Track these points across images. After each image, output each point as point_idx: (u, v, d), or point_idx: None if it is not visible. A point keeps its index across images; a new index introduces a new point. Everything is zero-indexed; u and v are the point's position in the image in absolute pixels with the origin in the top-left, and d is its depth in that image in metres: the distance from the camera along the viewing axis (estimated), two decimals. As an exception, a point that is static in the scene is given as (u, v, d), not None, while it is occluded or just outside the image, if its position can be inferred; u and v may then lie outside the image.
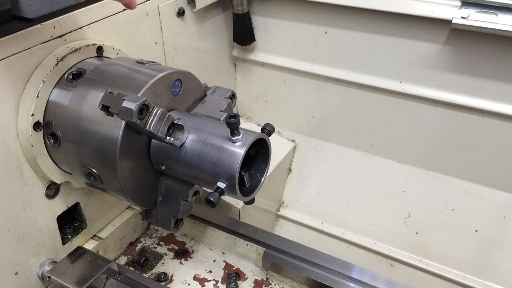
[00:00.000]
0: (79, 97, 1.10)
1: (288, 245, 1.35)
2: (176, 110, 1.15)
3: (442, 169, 1.75)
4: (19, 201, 1.15)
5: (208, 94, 1.22)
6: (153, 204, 1.18)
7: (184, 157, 1.06)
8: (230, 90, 1.22)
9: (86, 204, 1.33)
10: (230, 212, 1.68)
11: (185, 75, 1.16)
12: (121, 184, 1.07)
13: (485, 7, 1.40)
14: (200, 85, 1.21)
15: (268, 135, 1.11)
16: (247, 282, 1.36)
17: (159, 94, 1.09)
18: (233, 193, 1.05)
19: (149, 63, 1.16)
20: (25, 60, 1.09)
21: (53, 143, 1.13)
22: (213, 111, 1.17)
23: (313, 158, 1.96)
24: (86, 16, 1.21)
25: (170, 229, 1.17)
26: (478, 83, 1.55)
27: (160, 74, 1.09)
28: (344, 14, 1.67)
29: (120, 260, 1.43)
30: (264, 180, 1.13)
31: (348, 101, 1.80)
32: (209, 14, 1.71)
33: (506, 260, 1.65)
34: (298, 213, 1.96)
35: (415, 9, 1.51)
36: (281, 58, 1.87)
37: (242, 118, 2.06)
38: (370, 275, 1.26)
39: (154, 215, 1.19)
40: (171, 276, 1.38)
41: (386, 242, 1.81)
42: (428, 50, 1.58)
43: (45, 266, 1.25)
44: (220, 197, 1.02)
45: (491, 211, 1.68)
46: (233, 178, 1.02)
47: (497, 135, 1.59)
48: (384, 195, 1.83)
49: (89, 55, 1.19)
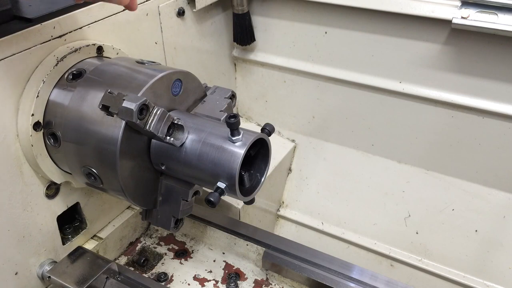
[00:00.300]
0: (79, 97, 1.10)
1: (288, 245, 1.35)
2: (176, 110, 1.15)
3: (442, 169, 1.75)
4: (19, 201, 1.15)
5: (208, 94, 1.22)
6: (153, 204, 1.17)
7: (184, 157, 1.06)
8: (230, 90, 1.22)
9: (86, 204, 1.33)
10: (230, 212, 1.68)
11: (185, 75, 1.16)
12: (121, 184, 1.07)
13: (485, 7, 1.40)
14: (200, 85, 1.21)
15: (268, 135, 1.10)
16: (247, 282, 1.36)
17: (159, 94, 1.09)
18: (233, 193, 1.05)
19: (149, 63, 1.16)
20: (25, 60, 1.09)
21: (53, 143, 1.13)
22: (213, 111, 1.17)
23: (313, 158, 1.96)
24: (86, 16, 1.21)
25: (170, 229, 1.17)
26: (478, 83, 1.55)
27: (160, 74, 1.08)
28: (344, 14, 1.67)
29: (120, 260, 1.43)
30: (264, 180, 1.13)
31: (348, 101, 1.80)
32: (209, 14, 1.71)
33: (506, 260, 1.65)
34: (298, 213, 1.96)
35: (415, 9, 1.51)
36: (281, 58, 1.86)
37: (242, 118, 2.06)
38: (370, 275, 1.26)
39: (154, 215, 1.19)
40: (171, 276, 1.38)
41: (386, 242, 1.81)
42: (428, 50, 1.58)
43: (45, 266, 1.25)
44: (220, 197, 1.02)
45: (491, 211, 1.68)
46: (233, 178, 1.02)
47: (497, 135, 1.59)
48: (384, 195, 1.83)
49: (89, 55, 1.19)
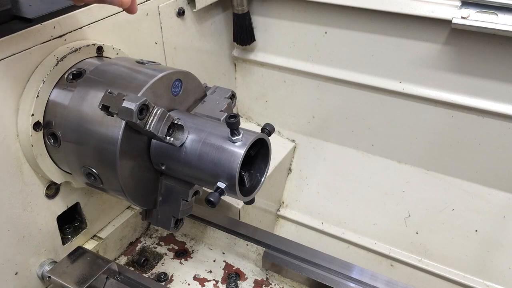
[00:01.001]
0: (79, 97, 1.10)
1: (288, 245, 1.35)
2: (176, 110, 1.15)
3: (442, 169, 1.75)
4: (19, 201, 1.15)
5: (208, 94, 1.22)
6: (153, 204, 1.17)
7: (184, 157, 1.06)
8: (230, 90, 1.22)
9: (86, 204, 1.33)
10: (230, 212, 1.68)
11: (185, 75, 1.16)
12: (121, 184, 1.07)
13: (485, 7, 1.40)
14: (200, 85, 1.21)
15: (268, 135, 1.10)
16: (247, 282, 1.36)
17: (159, 94, 1.09)
18: (233, 193, 1.05)
19: (149, 63, 1.16)
20: (25, 60, 1.09)
21: (53, 143, 1.13)
22: (213, 111, 1.17)
23: (313, 158, 1.96)
24: (86, 16, 1.21)
25: (170, 229, 1.17)
26: (478, 83, 1.55)
27: (160, 74, 1.08)
28: (344, 14, 1.67)
29: (120, 260, 1.43)
30: (264, 180, 1.13)
31: (348, 101, 1.80)
32: (209, 14, 1.71)
33: (506, 260, 1.65)
34: (298, 213, 1.96)
35: (415, 9, 1.51)
36: (281, 58, 1.86)
37: (242, 118, 2.06)
38: (370, 275, 1.26)
39: (154, 215, 1.19)
40: (171, 276, 1.38)
41: (386, 242, 1.81)
42: (428, 50, 1.58)
43: (45, 266, 1.25)
44: (220, 197, 1.02)
45: (491, 211, 1.68)
46: (233, 178, 1.02)
47: (497, 135, 1.59)
48: (384, 195, 1.83)
49: (89, 55, 1.19)
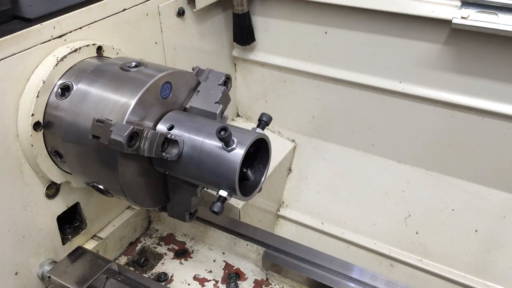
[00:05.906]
0: (76, 105, 1.10)
1: (288, 245, 1.36)
2: (170, 112, 1.13)
3: (442, 169, 1.75)
4: (19, 201, 1.15)
5: (202, 81, 1.20)
6: (166, 200, 1.20)
7: (183, 168, 1.08)
8: (223, 74, 1.19)
9: (86, 204, 1.33)
10: (230, 212, 1.68)
11: (172, 75, 1.12)
12: (131, 200, 1.11)
13: (485, 7, 1.40)
14: (191, 76, 1.18)
15: (265, 125, 1.11)
16: (247, 282, 1.36)
17: (149, 104, 1.08)
18: (235, 196, 1.07)
19: (135, 66, 1.12)
20: (25, 60, 1.09)
21: (59, 159, 1.15)
22: (208, 104, 1.16)
23: (313, 158, 1.96)
24: (86, 16, 1.21)
25: (186, 220, 1.20)
26: (478, 83, 1.55)
27: (144, 88, 1.05)
28: (344, 14, 1.66)
29: (120, 260, 1.43)
30: (264, 180, 1.13)
31: (348, 101, 1.80)
32: (209, 14, 1.71)
33: (506, 260, 1.65)
34: (298, 213, 1.96)
35: (415, 9, 1.51)
36: (281, 58, 1.86)
37: (242, 118, 2.07)
38: (370, 275, 1.26)
39: (169, 208, 1.22)
40: (171, 276, 1.38)
41: (386, 242, 1.80)
42: (428, 50, 1.58)
43: (45, 266, 1.25)
44: (223, 206, 1.05)
45: (491, 211, 1.68)
46: (233, 186, 1.04)
47: (497, 135, 1.59)
48: (384, 195, 1.83)
49: (89, 55, 1.19)
